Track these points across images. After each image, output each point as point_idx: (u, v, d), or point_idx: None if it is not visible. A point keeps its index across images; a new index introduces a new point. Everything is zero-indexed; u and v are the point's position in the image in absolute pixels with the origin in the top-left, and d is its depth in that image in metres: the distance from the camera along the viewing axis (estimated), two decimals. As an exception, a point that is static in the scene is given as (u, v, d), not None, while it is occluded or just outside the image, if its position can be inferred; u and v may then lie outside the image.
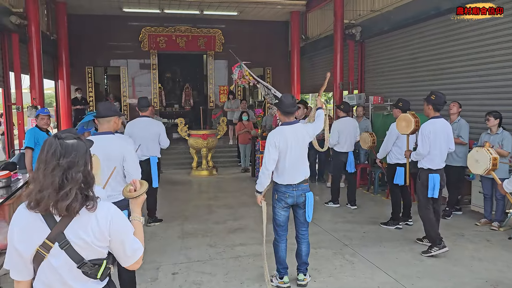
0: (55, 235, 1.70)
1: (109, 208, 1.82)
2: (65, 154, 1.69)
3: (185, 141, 10.60)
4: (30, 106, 8.99)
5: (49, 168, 1.67)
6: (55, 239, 1.70)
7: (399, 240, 5.50)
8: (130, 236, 1.87)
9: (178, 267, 4.70)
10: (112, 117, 3.57)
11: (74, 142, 1.75)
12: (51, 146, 1.70)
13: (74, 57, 13.08)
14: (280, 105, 4.02)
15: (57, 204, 1.66)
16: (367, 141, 7.28)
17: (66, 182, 1.67)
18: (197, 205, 7.49)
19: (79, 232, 1.72)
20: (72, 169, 1.69)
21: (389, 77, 10.07)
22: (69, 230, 1.71)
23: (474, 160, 4.49)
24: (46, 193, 1.66)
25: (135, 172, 3.56)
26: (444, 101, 4.93)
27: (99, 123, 3.58)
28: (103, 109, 3.58)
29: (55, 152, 1.69)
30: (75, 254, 1.72)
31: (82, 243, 1.72)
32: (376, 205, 7.39)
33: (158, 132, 6.03)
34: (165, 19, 14.12)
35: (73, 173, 1.69)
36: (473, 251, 5.07)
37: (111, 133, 3.57)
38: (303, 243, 4.17)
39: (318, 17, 13.48)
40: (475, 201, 6.62)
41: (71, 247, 1.71)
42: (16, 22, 8.83)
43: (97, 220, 1.75)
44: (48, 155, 1.69)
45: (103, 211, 1.78)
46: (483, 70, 7.20)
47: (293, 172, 4.00)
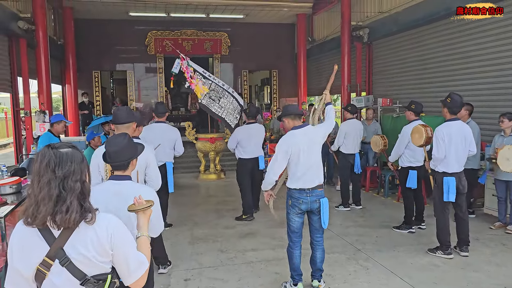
0: (54, 252, 1.62)
1: (110, 221, 1.74)
2: (60, 164, 1.62)
3: (193, 145, 10.57)
4: (38, 111, 8.99)
5: (44, 179, 1.60)
6: (55, 256, 1.62)
7: (413, 245, 5.42)
8: (133, 250, 1.79)
9: (190, 273, 4.64)
10: (131, 122, 3.50)
11: (68, 150, 1.68)
12: (45, 157, 1.63)
13: (81, 62, 13.11)
14: (286, 112, 4.05)
15: (55, 217, 1.59)
16: (379, 144, 7.23)
17: (64, 192, 1.60)
18: (206, 210, 7.44)
19: (79, 248, 1.64)
20: (69, 178, 1.62)
21: (398, 79, 9.99)
22: (68, 246, 1.63)
23: (504, 158, 4.44)
24: (43, 206, 1.58)
25: (157, 178, 3.55)
26: (462, 103, 4.84)
27: (117, 129, 3.50)
28: (121, 114, 3.48)
29: (49, 162, 1.61)
30: (76, 270, 1.64)
31: (82, 259, 1.65)
32: (387, 209, 7.31)
33: (175, 138, 5.96)
34: (171, 23, 14.12)
35: (70, 183, 1.62)
36: (490, 256, 4.97)
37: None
38: (318, 250, 4.11)
39: (324, 19, 13.43)
40: (489, 204, 6.52)
41: (72, 263, 1.63)
42: (24, 27, 8.85)
43: (97, 234, 1.67)
44: (42, 166, 1.61)
45: (103, 224, 1.70)
46: (496, 71, 7.11)
47: (306, 176, 3.94)
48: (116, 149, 2.43)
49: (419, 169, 5.82)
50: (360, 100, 10.10)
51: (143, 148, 2.61)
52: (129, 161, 2.47)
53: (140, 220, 2.00)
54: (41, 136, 6.07)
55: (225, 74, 15.21)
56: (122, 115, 3.48)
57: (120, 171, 2.46)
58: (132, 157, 2.49)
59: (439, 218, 5.03)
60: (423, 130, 5.28)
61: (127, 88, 14.60)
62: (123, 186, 2.41)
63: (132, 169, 2.52)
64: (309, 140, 3.94)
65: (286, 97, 15.47)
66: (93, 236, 1.66)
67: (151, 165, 3.50)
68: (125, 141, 2.47)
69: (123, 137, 2.49)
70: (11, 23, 8.64)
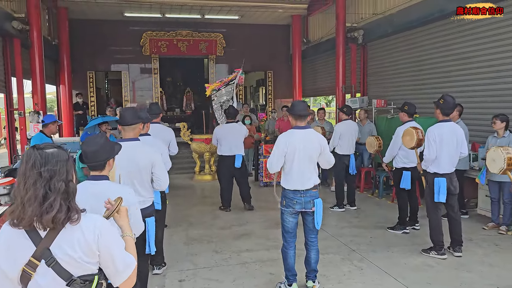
0: (40, 252, 1.61)
1: (96, 221, 1.73)
2: (45, 164, 1.62)
3: (188, 146, 10.55)
4: (32, 112, 8.94)
5: (30, 180, 1.59)
6: (41, 256, 1.61)
7: (407, 245, 5.45)
8: (121, 250, 1.78)
9: (185, 274, 4.64)
10: (137, 124, 3.50)
11: (54, 150, 1.67)
12: (30, 157, 1.62)
13: (76, 62, 13.03)
14: (292, 109, 4.00)
15: (41, 218, 1.58)
16: (373, 145, 7.27)
17: (50, 192, 1.60)
18: (201, 210, 7.43)
19: (65, 248, 1.63)
20: (54, 178, 1.62)
21: (392, 80, 10.03)
22: (55, 246, 1.62)
23: (491, 159, 4.48)
24: (29, 207, 1.57)
25: (164, 177, 3.58)
26: (454, 105, 4.88)
27: (124, 130, 3.51)
28: (128, 116, 3.47)
29: (35, 163, 1.61)
30: (63, 271, 1.63)
31: (69, 259, 1.64)
32: (381, 209, 7.34)
33: (170, 139, 5.96)
34: (166, 23, 14.09)
35: (56, 183, 1.61)
36: (483, 256, 5.01)
37: (137, 140, 3.51)
38: (312, 250, 4.12)
39: (319, 20, 13.46)
40: (482, 205, 6.56)
41: (58, 264, 1.62)
42: (18, 27, 8.80)
43: (84, 235, 1.66)
44: (28, 167, 1.61)
45: (90, 225, 1.69)
46: (490, 72, 7.16)
47: (300, 177, 3.96)
48: (93, 149, 2.43)
49: (413, 170, 5.85)
50: (354, 101, 10.13)
51: (120, 148, 2.59)
52: (106, 161, 2.47)
53: (118, 222, 1.99)
54: (33, 137, 6.05)
55: (220, 75, 15.13)
56: (129, 117, 3.48)
57: (97, 171, 2.47)
58: (109, 157, 2.49)
59: (431, 218, 5.08)
60: (414, 133, 5.34)
61: (122, 89, 14.54)
62: (101, 186, 2.42)
63: (109, 169, 2.52)
64: (306, 142, 3.94)
65: (281, 98, 15.47)
66: (80, 236, 1.66)
67: (157, 164, 3.51)
68: (102, 141, 2.47)
69: (100, 137, 2.50)
70: (5, 23, 8.59)
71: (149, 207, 3.54)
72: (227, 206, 7.39)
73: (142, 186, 3.46)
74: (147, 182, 3.51)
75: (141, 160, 3.41)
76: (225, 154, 7.24)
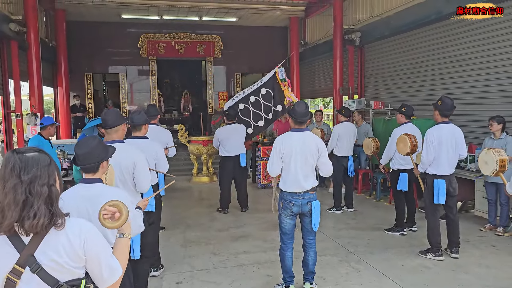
0: (24, 258, 1.57)
1: (82, 226, 1.70)
2: (25, 168, 1.58)
3: (185, 148, 10.54)
4: (29, 114, 8.92)
5: (9, 185, 1.55)
6: (25, 263, 1.57)
7: (404, 247, 5.46)
8: (107, 255, 1.75)
9: (182, 276, 4.64)
10: (119, 125, 3.48)
11: (34, 154, 1.64)
12: (9, 161, 1.59)
13: (73, 64, 13.01)
14: (292, 113, 4.00)
15: (24, 223, 1.55)
16: (370, 146, 7.27)
17: (31, 197, 1.56)
18: (199, 212, 7.43)
19: (50, 254, 1.60)
20: (35, 183, 1.58)
21: (390, 82, 10.06)
22: (39, 252, 1.59)
23: (483, 161, 4.48)
24: (8, 212, 1.54)
25: (145, 180, 3.51)
26: (453, 106, 4.89)
27: (107, 133, 3.49)
28: (110, 119, 3.44)
29: (14, 167, 1.57)
30: (48, 277, 1.60)
31: (55, 265, 1.61)
32: (379, 211, 7.35)
33: (167, 141, 5.96)
34: (164, 25, 14.10)
35: (37, 187, 1.58)
36: (480, 258, 5.02)
37: (121, 141, 3.48)
38: (310, 252, 4.12)
39: (317, 22, 13.49)
40: (479, 206, 6.58)
41: (44, 270, 1.59)
42: (15, 29, 8.78)
43: (69, 239, 1.63)
44: (7, 171, 1.57)
45: (75, 229, 1.66)
46: (486, 74, 7.18)
47: (297, 179, 3.95)
48: (85, 152, 2.37)
49: (410, 172, 5.86)
50: (352, 103, 10.14)
51: (114, 150, 2.55)
52: (99, 163, 2.41)
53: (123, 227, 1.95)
54: (30, 139, 6.02)
55: (218, 77, 15.22)
56: (109, 119, 3.44)
57: (90, 174, 2.41)
58: (102, 159, 2.42)
59: (429, 220, 5.09)
60: (407, 139, 5.40)
61: (120, 91, 14.54)
62: (94, 189, 2.35)
63: (103, 172, 2.46)
64: (304, 144, 3.94)
65: (279, 100, 15.49)
66: (65, 241, 1.63)
67: (138, 166, 3.45)
68: (94, 143, 2.42)
69: (92, 139, 2.45)
70: (2, 25, 8.57)
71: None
72: (225, 208, 7.40)
73: (126, 188, 3.38)
74: (131, 183, 3.45)
75: (123, 161, 3.34)
76: (229, 155, 7.26)
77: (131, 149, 3.52)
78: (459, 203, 6.69)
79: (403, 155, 5.55)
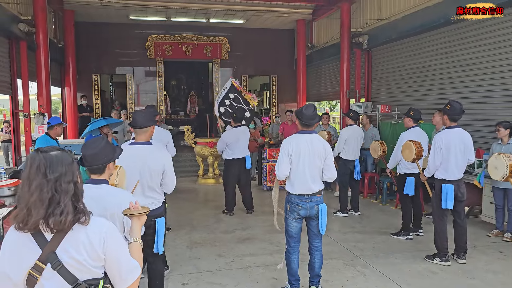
0: (46, 255, 1.61)
1: (102, 225, 1.73)
2: (50, 166, 1.62)
3: (191, 149, 10.57)
4: (37, 113, 8.98)
5: (35, 183, 1.59)
6: (47, 259, 1.61)
7: (411, 251, 5.43)
8: (126, 255, 1.78)
9: (188, 277, 4.64)
10: (149, 127, 3.50)
11: (58, 153, 1.68)
12: (34, 161, 1.62)
13: (81, 64, 13.11)
14: (300, 116, 3.99)
15: (48, 220, 1.58)
16: (378, 150, 7.25)
17: (57, 194, 1.60)
18: (205, 214, 7.44)
19: (71, 251, 1.63)
20: (61, 180, 1.62)
21: (397, 86, 10.03)
22: (60, 250, 1.62)
23: (493, 166, 4.47)
24: (34, 210, 1.57)
25: (173, 182, 3.63)
26: (461, 110, 4.86)
27: (136, 133, 3.52)
28: (140, 119, 3.46)
29: (39, 166, 1.61)
30: (68, 275, 1.63)
31: (75, 263, 1.64)
32: (385, 215, 7.32)
33: (166, 141, 5.97)
34: (171, 27, 14.15)
35: (63, 185, 1.62)
36: (487, 264, 4.98)
37: (149, 143, 3.51)
38: (316, 255, 4.11)
39: (324, 25, 13.49)
40: (486, 212, 6.53)
41: (64, 267, 1.62)
42: (25, 30, 8.87)
43: (89, 238, 1.66)
44: (32, 170, 1.61)
45: (96, 228, 1.70)
46: (494, 79, 7.14)
47: (305, 181, 3.94)
48: (93, 153, 2.36)
49: (416, 176, 5.82)
50: (359, 106, 10.13)
51: (121, 152, 2.54)
52: (106, 164, 2.40)
53: (134, 226, 1.99)
54: (38, 138, 6.06)
55: (224, 78, 15.19)
56: (139, 120, 3.47)
57: (96, 175, 2.40)
58: (109, 160, 2.42)
59: (437, 225, 5.05)
60: (412, 145, 5.39)
61: (127, 92, 14.61)
62: (101, 190, 2.35)
63: (109, 173, 2.45)
64: (311, 147, 3.92)
65: (285, 102, 15.51)
66: (85, 239, 1.66)
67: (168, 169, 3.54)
68: (102, 144, 2.41)
69: (100, 140, 2.45)
70: (12, 26, 8.66)
71: (159, 207, 3.60)
72: (231, 210, 7.40)
73: (151, 189, 3.51)
74: (156, 185, 3.54)
75: (153, 164, 3.41)
76: (235, 158, 7.26)
77: (159, 151, 3.55)
78: (466, 208, 6.65)
79: (409, 161, 5.53)
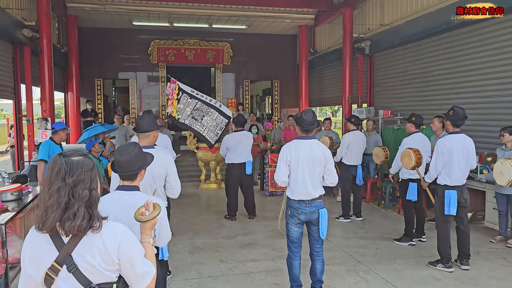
0: (62, 257, 1.66)
1: (117, 230, 1.75)
2: (70, 171, 1.66)
3: (194, 154, 10.58)
4: (40, 118, 9.01)
5: (54, 186, 1.64)
6: (63, 262, 1.66)
7: (414, 257, 5.40)
8: (140, 259, 1.80)
9: (190, 283, 4.63)
10: (152, 131, 3.51)
11: (79, 158, 1.71)
12: (56, 164, 1.67)
13: (84, 69, 13.18)
14: (299, 121, 3.99)
15: (64, 224, 1.62)
16: (380, 155, 7.24)
17: (73, 199, 1.64)
18: (207, 219, 7.43)
19: (86, 255, 1.67)
20: (78, 186, 1.66)
21: (399, 91, 10.03)
22: (76, 253, 1.67)
23: (498, 172, 4.45)
24: (51, 213, 1.62)
25: (178, 186, 3.61)
26: (464, 116, 4.85)
27: (139, 137, 3.52)
28: (143, 123, 3.46)
29: (60, 170, 1.65)
30: (82, 277, 1.67)
31: (89, 267, 1.67)
32: (388, 221, 7.30)
33: (165, 146, 5.97)
34: (174, 32, 14.22)
35: (79, 190, 1.65)
36: (490, 270, 4.96)
37: (152, 147, 3.49)
38: (318, 261, 4.10)
39: (326, 30, 13.52)
40: (489, 218, 6.51)
41: (79, 270, 1.67)
42: (28, 35, 8.92)
43: (104, 243, 1.69)
44: (53, 174, 1.66)
45: (111, 233, 1.72)
46: (497, 84, 7.14)
47: (306, 186, 3.94)
48: (126, 159, 2.36)
49: (419, 182, 5.81)
50: (361, 111, 10.13)
51: (152, 158, 2.55)
52: (139, 171, 2.40)
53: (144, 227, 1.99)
54: (42, 144, 6.06)
55: (227, 84, 15.28)
56: (142, 124, 3.48)
57: (128, 181, 2.40)
58: (142, 167, 2.42)
59: (440, 231, 5.03)
60: (411, 152, 5.40)
61: (129, 97, 14.66)
62: (135, 197, 2.32)
63: (140, 179, 2.45)
64: (311, 153, 3.93)
65: (288, 107, 15.53)
66: (100, 244, 1.69)
67: (171, 172, 3.53)
68: (135, 150, 2.41)
69: (133, 147, 2.44)
70: (16, 31, 8.71)
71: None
72: (233, 215, 7.39)
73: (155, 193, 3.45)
74: (160, 189, 3.51)
75: (156, 168, 3.36)
76: (236, 162, 7.27)
77: (162, 155, 3.52)
78: (469, 214, 6.63)
79: (409, 169, 5.52)
